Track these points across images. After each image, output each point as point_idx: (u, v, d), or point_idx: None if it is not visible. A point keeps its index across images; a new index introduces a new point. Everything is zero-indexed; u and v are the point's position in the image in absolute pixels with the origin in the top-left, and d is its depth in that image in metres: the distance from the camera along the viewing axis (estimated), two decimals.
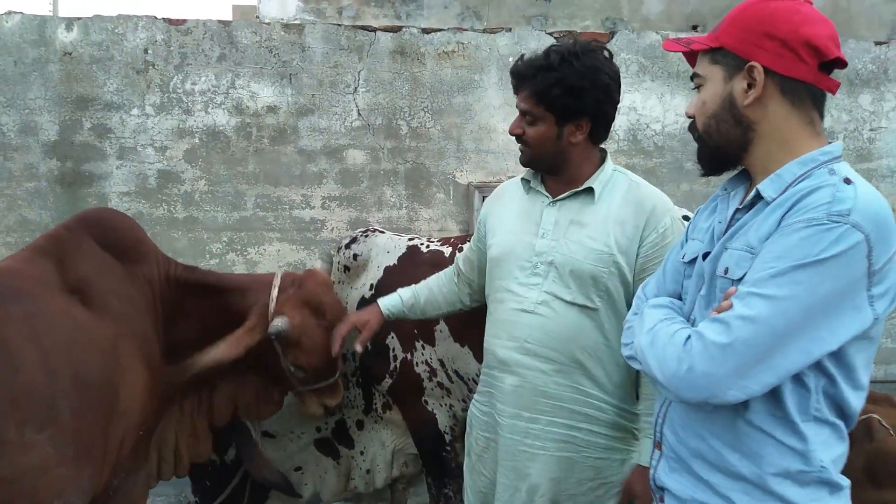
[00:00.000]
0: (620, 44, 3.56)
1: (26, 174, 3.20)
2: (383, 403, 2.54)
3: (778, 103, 1.18)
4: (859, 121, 3.70)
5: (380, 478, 2.63)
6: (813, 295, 1.04)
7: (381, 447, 2.61)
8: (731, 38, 1.20)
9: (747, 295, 1.08)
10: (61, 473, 1.71)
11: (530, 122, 1.80)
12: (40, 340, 1.72)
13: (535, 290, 1.78)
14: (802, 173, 1.15)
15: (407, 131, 3.42)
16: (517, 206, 1.90)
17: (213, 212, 3.33)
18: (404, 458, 2.63)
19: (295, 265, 3.39)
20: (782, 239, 1.08)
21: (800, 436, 1.12)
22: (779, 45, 1.16)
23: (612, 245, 1.74)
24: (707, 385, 1.09)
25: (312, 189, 3.39)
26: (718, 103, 1.22)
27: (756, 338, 1.06)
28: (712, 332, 1.09)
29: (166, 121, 3.27)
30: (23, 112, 3.18)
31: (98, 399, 1.82)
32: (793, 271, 1.05)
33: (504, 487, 1.85)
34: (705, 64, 1.25)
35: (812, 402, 1.12)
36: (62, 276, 1.94)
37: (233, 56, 3.30)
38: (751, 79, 1.18)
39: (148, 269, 2.12)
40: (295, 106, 3.35)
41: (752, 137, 1.21)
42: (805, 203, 1.09)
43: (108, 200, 3.25)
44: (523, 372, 1.80)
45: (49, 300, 1.84)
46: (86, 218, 2.11)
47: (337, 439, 2.64)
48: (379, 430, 2.60)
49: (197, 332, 2.22)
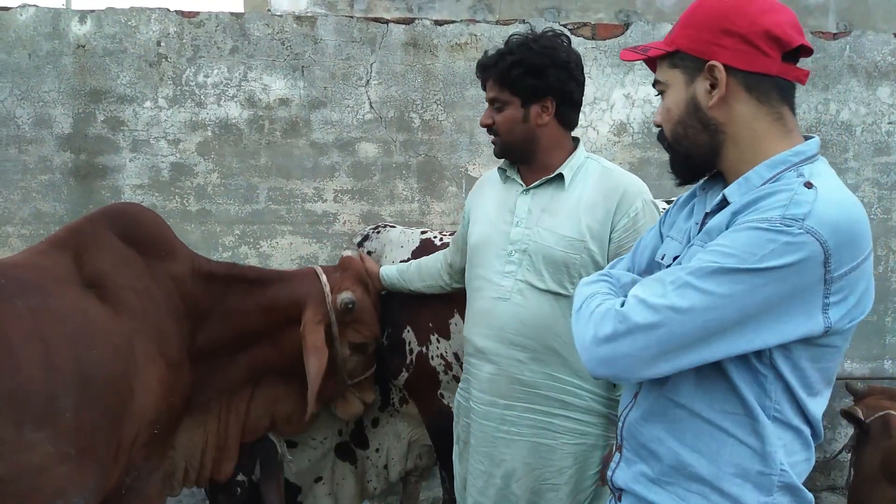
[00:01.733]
0: (635, 36, 3.52)
1: (41, 167, 3.21)
2: (400, 398, 2.55)
3: (743, 102, 1.13)
4: (878, 114, 3.65)
5: (394, 471, 2.63)
6: (753, 296, 1.01)
7: (397, 439, 2.61)
8: (686, 40, 1.16)
9: (683, 284, 1.03)
10: (62, 472, 1.67)
11: (498, 108, 1.85)
12: (44, 335, 1.69)
13: (510, 279, 1.81)
14: (771, 176, 1.10)
15: (419, 124, 3.40)
16: (495, 195, 1.94)
17: (225, 205, 3.33)
18: (419, 449, 2.64)
19: (307, 258, 3.39)
20: (733, 234, 1.04)
21: (758, 435, 1.09)
22: (737, 41, 1.10)
23: (584, 231, 1.76)
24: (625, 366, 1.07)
25: (324, 182, 3.39)
26: (683, 108, 1.18)
27: (683, 330, 1.03)
28: (638, 314, 1.05)
29: (179, 113, 3.28)
30: (37, 105, 3.19)
31: (106, 396, 1.78)
32: (736, 272, 1.01)
33: (479, 473, 1.89)
34: (665, 69, 1.21)
35: (771, 403, 1.09)
36: (78, 269, 1.91)
37: (245, 48, 3.29)
38: (712, 79, 1.13)
39: (174, 266, 2.06)
40: (307, 98, 3.35)
41: (722, 140, 1.16)
42: (762, 204, 1.05)
43: (122, 193, 3.26)
44: (499, 360, 1.83)
45: (60, 294, 1.81)
46: (110, 211, 2.09)
47: (354, 442, 2.63)
48: (395, 424, 2.61)
49: (236, 332, 2.17)
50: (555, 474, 1.83)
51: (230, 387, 2.23)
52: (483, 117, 1.89)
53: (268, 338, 2.22)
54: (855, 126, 3.64)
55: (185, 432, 2.18)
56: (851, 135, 3.64)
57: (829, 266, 1.00)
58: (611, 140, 3.55)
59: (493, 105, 1.86)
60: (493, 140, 1.89)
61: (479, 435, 1.88)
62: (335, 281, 2.25)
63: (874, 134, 3.66)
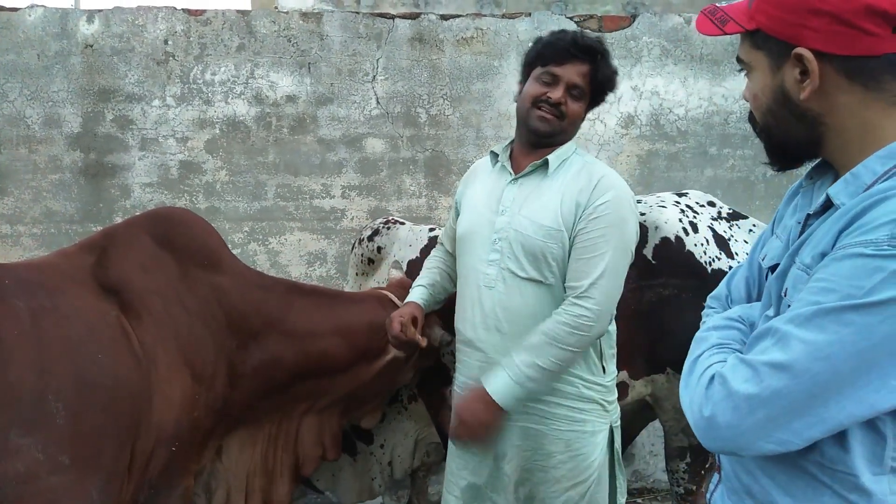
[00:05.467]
0: (642, 27, 3.51)
1: (51, 166, 3.24)
2: (409, 395, 2.55)
3: (846, 90, 0.93)
4: None
5: (399, 469, 2.62)
6: (868, 338, 0.82)
7: (404, 437, 2.60)
8: (768, 18, 0.96)
9: (783, 334, 0.87)
10: (53, 482, 1.56)
11: (575, 97, 1.84)
12: (42, 338, 1.61)
13: (494, 267, 1.83)
14: (885, 171, 0.90)
15: (426, 119, 3.40)
16: (484, 182, 1.95)
17: (234, 202, 3.35)
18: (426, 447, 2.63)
19: (316, 254, 3.40)
20: (833, 265, 0.86)
21: (863, 491, 0.90)
22: (830, 21, 0.90)
23: (559, 220, 1.78)
24: (732, 437, 0.90)
25: (332, 178, 3.39)
26: (771, 97, 0.99)
27: (790, 389, 0.86)
28: (738, 379, 0.90)
29: (187, 112, 3.29)
30: (46, 105, 3.22)
31: (111, 404, 1.68)
32: (841, 311, 0.83)
33: (470, 455, 1.92)
34: (747, 48, 1.01)
35: (888, 452, 0.89)
36: (101, 271, 1.82)
37: (252, 46, 3.30)
38: (802, 67, 0.94)
39: (216, 276, 1.95)
40: (314, 95, 3.35)
41: (823, 132, 0.97)
42: (867, 218, 0.86)
43: (131, 191, 3.28)
44: (486, 348, 1.85)
45: (71, 297, 1.73)
46: (151, 214, 2.03)
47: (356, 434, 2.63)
48: (402, 421, 2.59)
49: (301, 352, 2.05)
50: (544, 457, 1.85)
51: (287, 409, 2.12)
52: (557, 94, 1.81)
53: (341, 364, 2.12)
54: None
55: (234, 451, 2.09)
56: None
57: None
58: (618, 132, 3.53)
59: (571, 89, 1.82)
60: (548, 116, 1.82)
61: None
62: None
63: None
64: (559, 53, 1.81)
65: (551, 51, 1.82)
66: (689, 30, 3.51)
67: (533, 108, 1.83)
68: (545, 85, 1.82)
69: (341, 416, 2.28)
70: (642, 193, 2.61)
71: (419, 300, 2.05)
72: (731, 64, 3.51)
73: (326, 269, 3.40)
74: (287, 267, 3.38)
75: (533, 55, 1.87)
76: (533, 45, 1.90)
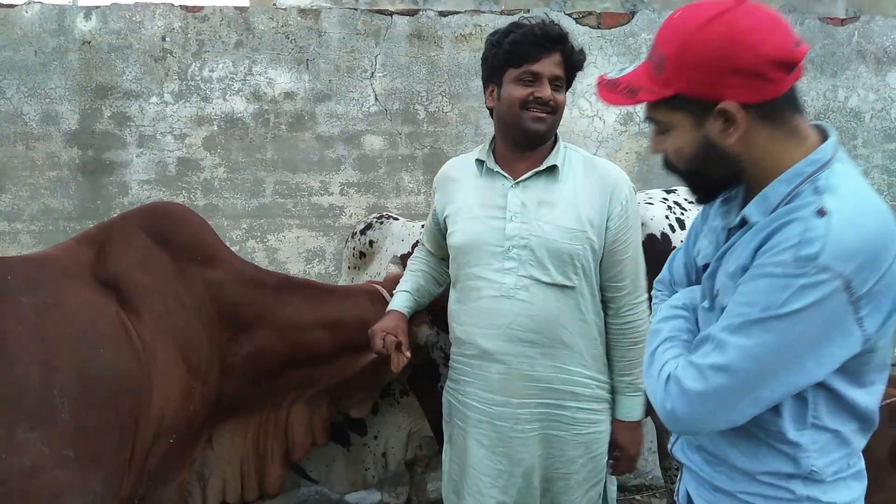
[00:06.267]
0: (641, 24, 3.50)
1: (48, 163, 3.23)
2: (401, 389, 2.55)
3: (760, 129, 1.08)
4: (887, 100, 3.62)
5: (393, 461, 2.63)
6: (786, 339, 1.02)
7: (397, 429, 2.61)
8: (687, 84, 1.07)
9: (719, 341, 1.07)
10: (58, 475, 1.59)
11: (557, 87, 1.79)
12: (45, 334, 1.63)
13: (512, 275, 1.78)
14: (788, 192, 1.08)
15: (424, 116, 3.40)
16: (475, 189, 1.86)
17: (232, 199, 3.34)
18: (420, 440, 2.64)
19: (314, 252, 3.40)
20: (753, 282, 1.05)
21: (790, 443, 1.12)
22: (746, 77, 1.04)
23: (585, 222, 1.77)
24: (690, 424, 1.12)
25: (330, 175, 3.39)
26: (697, 148, 1.12)
27: (731, 384, 1.06)
28: (689, 378, 1.10)
29: (185, 108, 3.28)
30: (44, 101, 3.21)
31: (113, 398, 1.71)
32: (761, 321, 1.03)
33: (498, 473, 1.86)
34: (663, 111, 1.12)
35: (809, 412, 1.11)
36: (99, 266, 1.84)
37: (250, 42, 3.29)
38: (726, 117, 1.07)
39: (210, 271, 1.98)
40: (312, 92, 3.35)
41: (742, 166, 1.12)
42: (776, 240, 1.04)
43: (129, 188, 3.28)
44: (508, 359, 1.81)
45: (72, 292, 1.75)
46: (146, 209, 2.03)
47: (349, 425, 2.64)
48: (395, 414, 2.61)
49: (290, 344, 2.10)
50: (566, 464, 1.85)
51: (276, 398, 2.17)
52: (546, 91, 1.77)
53: (328, 356, 2.16)
54: (864, 113, 3.60)
55: (226, 438, 2.12)
56: (860, 121, 3.61)
57: (853, 289, 0.99)
58: (617, 129, 3.53)
59: (553, 82, 1.78)
60: (540, 115, 1.78)
61: (494, 436, 1.85)
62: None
63: (883, 120, 3.63)
64: (533, 50, 1.75)
65: (523, 49, 1.75)
66: None
67: (522, 111, 1.77)
68: (528, 84, 1.76)
69: (330, 404, 2.31)
70: (641, 190, 2.61)
71: (403, 308, 2.03)
72: None
73: (325, 265, 3.40)
74: (285, 264, 3.38)
75: (501, 58, 1.78)
76: (494, 46, 1.80)
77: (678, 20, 1.09)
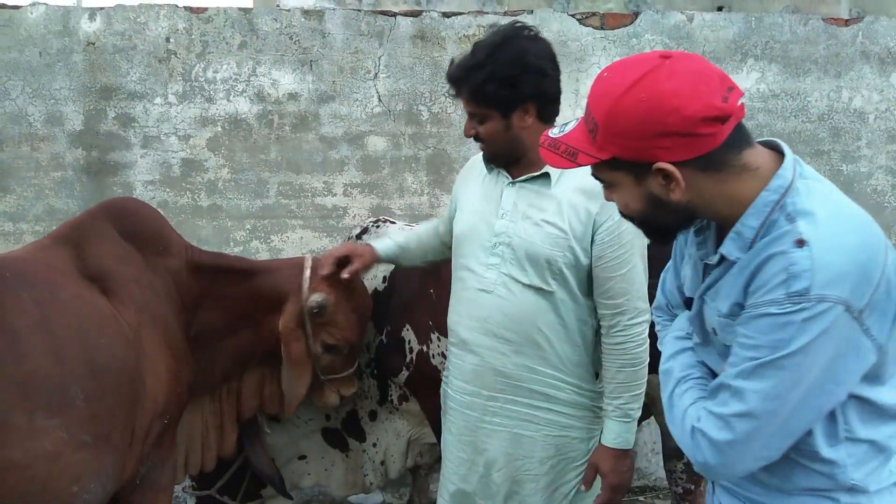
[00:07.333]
0: (644, 25, 3.50)
1: (53, 164, 3.24)
2: (399, 395, 2.54)
3: (703, 178, 1.07)
4: (891, 101, 3.61)
5: (394, 469, 2.62)
6: (801, 372, 1.02)
7: (396, 437, 2.59)
8: (620, 149, 1.08)
9: (735, 389, 1.06)
10: (78, 459, 1.70)
11: (479, 121, 1.81)
12: (51, 326, 1.71)
13: (494, 271, 1.82)
14: (760, 224, 1.06)
15: (428, 117, 3.40)
16: (481, 184, 1.93)
17: (236, 200, 3.35)
18: (420, 447, 2.63)
19: (318, 252, 3.40)
20: (753, 323, 1.04)
21: (824, 461, 1.10)
22: (675, 139, 1.03)
23: (568, 231, 1.75)
24: (727, 471, 1.11)
25: (334, 176, 3.39)
26: (642, 203, 1.13)
27: (758, 427, 1.05)
28: (714, 430, 1.08)
29: (189, 109, 3.29)
30: (48, 102, 3.22)
31: (117, 385, 1.81)
32: (772, 362, 1.02)
33: (461, 461, 1.91)
34: (605, 170, 1.14)
35: (840, 426, 1.09)
36: (81, 263, 1.94)
37: (253, 43, 3.30)
38: (664, 175, 1.07)
39: (170, 260, 2.11)
40: (316, 93, 3.35)
41: (693, 211, 1.12)
42: (762, 279, 1.04)
43: (133, 189, 3.28)
44: (482, 351, 1.84)
45: (65, 287, 1.84)
46: (108, 207, 2.12)
47: (347, 431, 2.62)
48: (394, 421, 2.59)
49: (225, 319, 2.23)
50: (536, 465, 1.85)
51: (223, 372, 2.29)
52: (466, 128, 1.85)
53: (251, 325, 2.28)
54: (868, 113, 3.60)
55: (185, 417, 2.21)
56: (864, 122, 3.60)
57: (852, 307, 0.99)
58: None
59: (472, 118, 1.82)
60: (480, 147, 1.87)
61: (462, 424, 1.91)
62: (316, 280, 2.23)
63: (887, 121, 3.62)
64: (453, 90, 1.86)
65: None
66: (690, 27, 3.51)
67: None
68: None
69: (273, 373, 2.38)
70: None
71: (380, 249, 2.13)
72: (734, 62, 3.51)
73: None
74: None
75: None
76: None
77: (605, 82, 1.09)
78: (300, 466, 2.64)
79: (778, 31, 3.52)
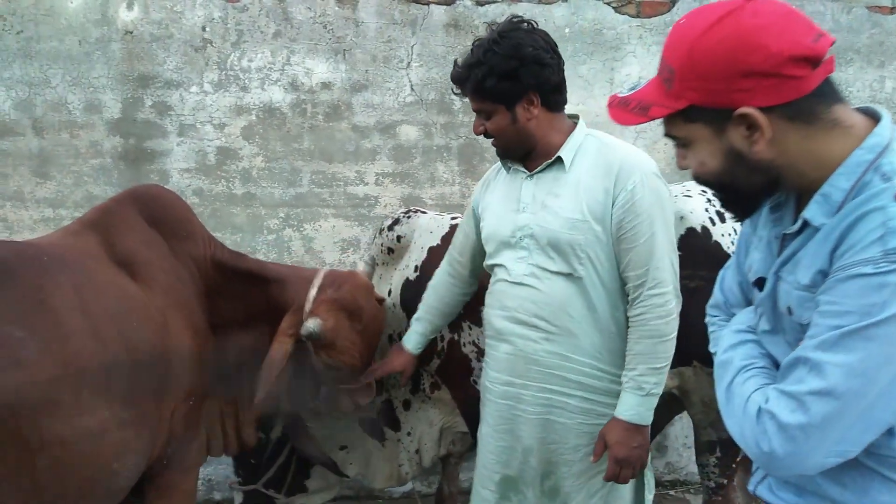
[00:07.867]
0: (682, 12, 3.44)
1: (91, 151, 3.30)
2: (431, 383, 2.55)
3: (791, 131, 0.98)
4: None
5: (427, 457, 2.63)
6: (893, 345, 0.88)
7: (429, 426, 2.61)
8: (698, 94, 1.00)
9: (815, 362, 0.93)
10: (119, 437, 1.77)
11: (486, 117, 1.86)
12: (89, 309, 1.77)
13: (523, 263, 1.86)
14: (852, 185, 0.96)
15: (460, 106, 3.39)
16: (501, 188, 1.98)
17: (270, 188, 3.38)
18: (452, 436, 2.64)
19: (349, 241, 3.42)
20: (840, 287, 0.92)
21: None
22: (761, 80, 0.95)
23: (586, 212, 1.78)
24: (795, 464, 0.96)
25: (366, 165, 3.40)
26: (722, 159, 1.04)
27: (838, 410, 0.91)
28: (785, 411, 0.94)
29: (224, 98, 3.32)
30: (87, 90, 3.27)
31: (150, 366, 1.87)
32: (861, 330, 0.89)
33: (501, 449, 1.95)
34: (680, 124, 1.06)
35: None
36: (110, 248, 2.00)
37: (288, 32, 3.32)
38: (748, 123, 0.98)
39: (193, 247, 2.15)
40: (349, 82, 3.36)
41: (778, 173, 1.02)
42: (854, 238, 0.92)
43: (169, 177, 3.33)
44: (514, 340, 1.87)
45: (99, 271, 1.89)
46: (135, 194, 2.17)
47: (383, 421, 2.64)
48: (427, 410, 2.60)
49: (241, 315, 2.24)
50: (569, 451, 1.87)
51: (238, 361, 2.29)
52: (475, 126, 1.90)
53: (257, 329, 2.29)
54: None
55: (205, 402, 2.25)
56: None
57: None
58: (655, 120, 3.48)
59: (479, 114, 1.88)
60: (492, 143, 1.92)
61: (497, 414, 1.94)
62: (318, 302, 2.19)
63: None
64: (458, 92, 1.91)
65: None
66: None
67: None
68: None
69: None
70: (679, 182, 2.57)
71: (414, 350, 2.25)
72: None
73: (360, 255, 3.42)
74: (321, 253, 3.41)
75: None
76: None
77: (682, 28, 1.03)
78: (343, 456, 2.65)
79: (820, 19, 3.44)
